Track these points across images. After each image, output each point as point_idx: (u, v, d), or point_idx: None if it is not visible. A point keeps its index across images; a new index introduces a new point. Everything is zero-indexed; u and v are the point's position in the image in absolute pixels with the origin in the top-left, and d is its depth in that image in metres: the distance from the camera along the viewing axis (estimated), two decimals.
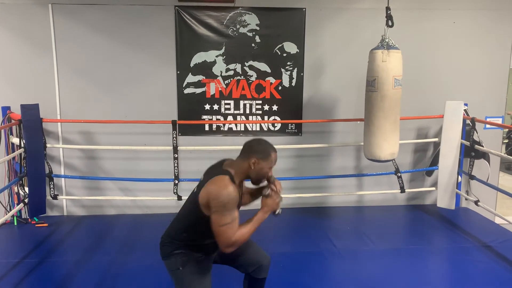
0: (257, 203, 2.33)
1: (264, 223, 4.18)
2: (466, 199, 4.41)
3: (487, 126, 4.43)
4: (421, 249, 3.50)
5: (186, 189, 3.76)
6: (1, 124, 3.96)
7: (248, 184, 2.32)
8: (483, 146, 4.10)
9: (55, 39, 4.07)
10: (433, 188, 4.49)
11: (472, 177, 4.15)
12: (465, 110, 4.21)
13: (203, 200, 2.04)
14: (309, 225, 4.02)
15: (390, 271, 3.13)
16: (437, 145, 4.44)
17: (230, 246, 2.02)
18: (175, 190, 4.06)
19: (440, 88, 4.42)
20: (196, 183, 2.21)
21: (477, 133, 4.10)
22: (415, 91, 4.33)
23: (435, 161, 4.40)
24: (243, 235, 2.04)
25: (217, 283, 2.38)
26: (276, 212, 2.20)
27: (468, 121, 4.16)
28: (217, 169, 2.13)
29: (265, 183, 2.24)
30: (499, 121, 4.49)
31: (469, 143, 4.09)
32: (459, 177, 4.32)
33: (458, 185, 4.36)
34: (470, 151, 4.16)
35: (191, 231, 2.14)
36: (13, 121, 3.91)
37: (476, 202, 4.09)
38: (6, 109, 4.01)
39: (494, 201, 4.61)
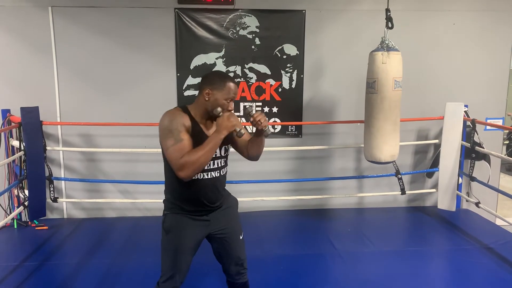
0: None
1: (265, 224, 4.17)
2: (466, 200, 4.40)
3: (488, 127, 4.42)
4: (421, 251, 3.49)
5: None
6: (1, 127, 3.95)
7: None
8: (483, 148, 4.09)
9: (55, 41, 4.07)
10: (434, 190, 4.48)
11: (472, 179, 4.14)
12: (465, 111, 4.20)
13: (159, 136, 2.05)
14: (309, 227, 4.01)
15: (390, 273, 3.12)
16: (437, 146, 4.44)
17: (181, 169, 1.92)
18: None
19: (440, 90, 4.42)
20: None
21: (477, 134, 4.10)
22: (415, 93, 4.33)
23: (435, 163, 4.39)
24: (194, 157, 1.92)
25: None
26: (237, 134, 2.03)
27: (468, 123, 4.16)
28: None
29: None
30: (499, 122, 4.49)
31: (469, 144, 4.08)
32: (460, 178, 4.32)
33: (459, 187, 4.35)
34: (471, 152, 4.15)
35: (168, 179, 2.14)
36: (13, 123, 3.91)
37: (476, 204, 4.08)
38: (6, 111, 4.01)
39: (495, 202, 4.60)
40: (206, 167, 2.08)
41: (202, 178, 2.09)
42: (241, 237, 2.30)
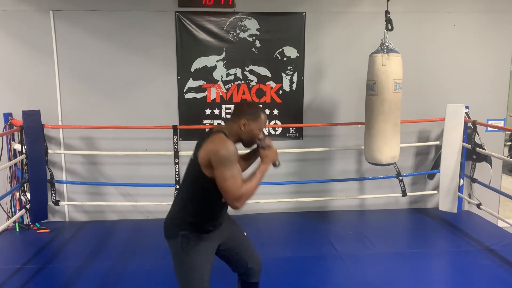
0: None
1: (266, 227, 4.17)
2: (468, 202, 4.39)
3: (489, 129, 4.42)
4: (423, 253, 3.48)
5: None
6: (3, 131, 3.98)
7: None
8: (485, 149, 4.09)
9: (57, 45, 4.09)
10: (435, 192, 4.47)
11: (474, 180, 4.13)
12: (466, 113, 4.19)
13: (204, 159, 2.04)
14: (310, 229, 4.00)
15: (392, 275, 3.12)
16: (438, 148, 4.43)
17: (238, 200, 2.01)
18: (176, 195, 4.06)
19: (441, 91, 4.42)
20: None
21: (478, 135, 4.09)
22: (415, 94, 4.33)
23: (436, 164, 4.39)
24: (250, 188, 2.04)
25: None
26: (276, 164, 2.23)
27: (469, 124, 4.16)
28: (210, 133, 2.14)
29: (255, 146, 2.27)
30: (500, 123, 4.48)
31: (470, 146, 4.08)
32: (461, 180, 4.31)
33: (460, 188, 4.34)
34: (472, 154, 4.14)
35: (195, 201, 2.13)
36: (14, 127, 3.93)
37: (478, 205, 4.06)
38: (8, 115, 4.03)
39: (497, 204, 4.59)
40: None
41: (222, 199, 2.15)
42: (245, 234, 2.37)
